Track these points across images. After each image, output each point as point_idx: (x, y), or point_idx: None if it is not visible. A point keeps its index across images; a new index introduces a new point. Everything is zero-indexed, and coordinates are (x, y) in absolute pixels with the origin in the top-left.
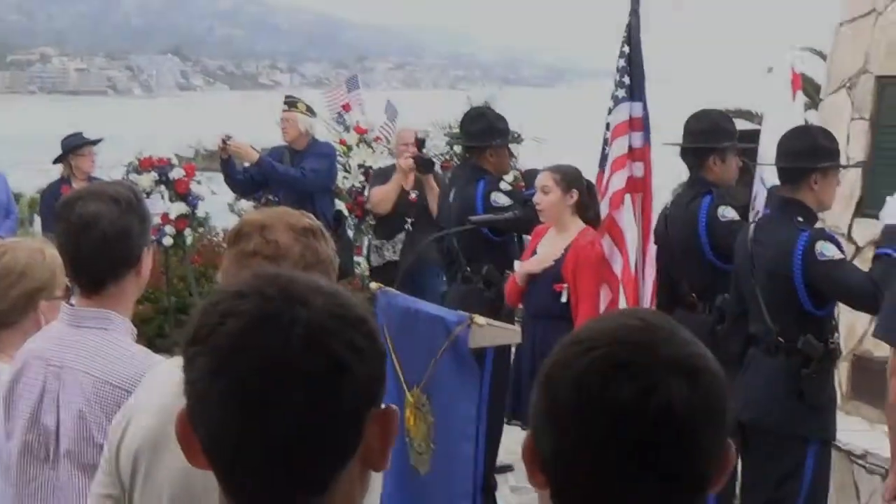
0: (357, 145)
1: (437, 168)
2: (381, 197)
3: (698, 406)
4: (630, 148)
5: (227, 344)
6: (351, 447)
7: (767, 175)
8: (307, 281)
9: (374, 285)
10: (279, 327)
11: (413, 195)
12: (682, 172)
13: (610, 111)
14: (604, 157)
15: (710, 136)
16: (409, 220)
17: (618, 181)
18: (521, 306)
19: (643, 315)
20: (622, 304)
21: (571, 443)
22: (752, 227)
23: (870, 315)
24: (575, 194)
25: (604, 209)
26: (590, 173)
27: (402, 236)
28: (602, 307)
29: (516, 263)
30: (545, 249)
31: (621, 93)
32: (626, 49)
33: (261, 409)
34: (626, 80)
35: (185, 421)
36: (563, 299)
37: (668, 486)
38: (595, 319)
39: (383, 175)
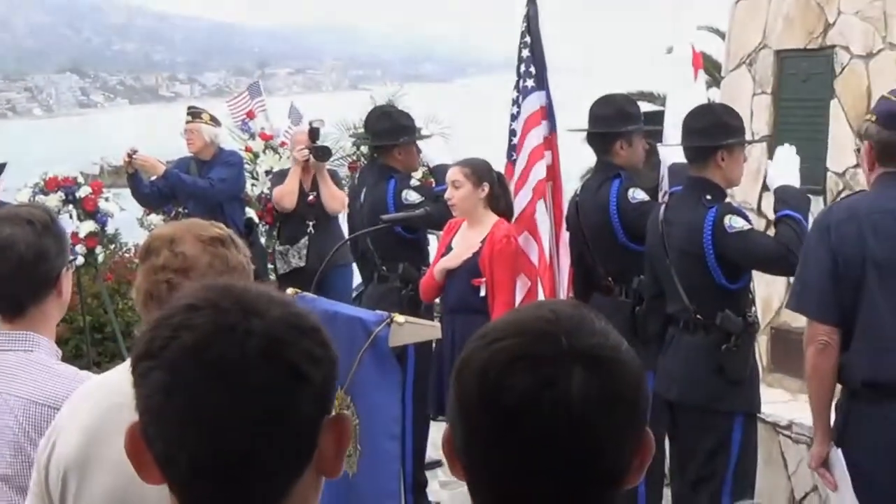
0: (263, 152)
1: (345, 171)
2: (283, 192)
3: (600, 397)
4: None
5: (182, 357)
6: (307, 456)
7: (667, 154)
8: (260, 292)
9: (290, 291)
10: (235, 339)
11: (311, 196)
12: (589, 158)
13: (515, 102)
14: (511, 148)
15: (615, 120)
16: (311, 223)
17: (540, 171)
18: (438, 302)
19: (556, 307)
20: (540, 294)
21: (477, 436)
22: (662, 207)
23: (785, 279)
24: (486, 187)
25: (523, 199)
26: (498, 165)
27: (305, 241)
28: (519, 298)
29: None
30: (461, 244)
31: (530, 83)
32: (528, 39)
33: (219, 423)
34: (533, 69)
35: (136, 436)
36: (482, 293)
37: (574, 480)
38: (510, 312)
39: (281, 175)
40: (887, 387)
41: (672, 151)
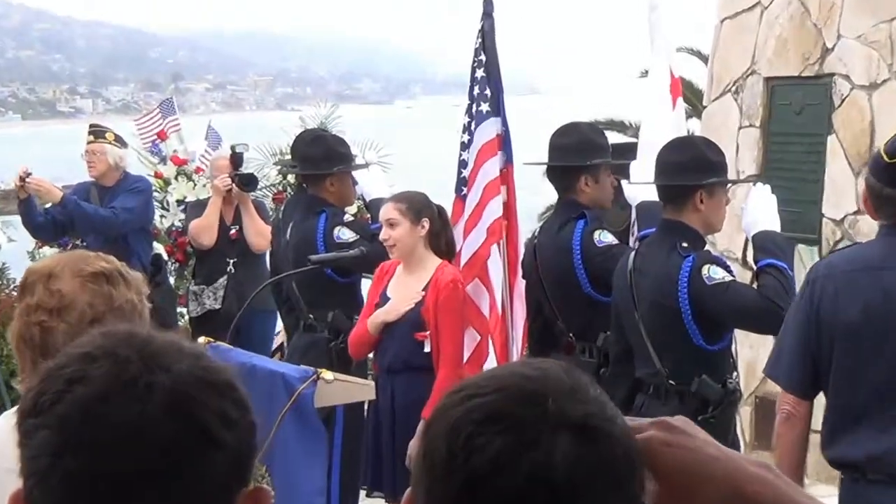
0: (176, 178)
1: (269, 203)
2: (201, 226)
3: (590, 469)
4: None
5: (75, 414)
6: None
7: (635, 192)
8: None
9: (202, 340)
10: (136, 395)
11: (233, 230)
12: (550, 195)
13: (466, 128)
14: (461, 181)
15: (580, 152)
16: (231, 261)
17: (495, 208)
18: (371, 357)
19: (545, 365)
20: (490, 351)
21: (442, 498)
22: (632, 254)
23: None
24: (426, 223)
25: (474, 241)
26: (446, 200)
27: (223, 280)
28: (467, 353)
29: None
30: (399, 292)
31: (485, 107)
32: (483, 57)
33: (115, 490)
34: (488, 91)
35: None
36: (426, 349)
37: None
38: (492, 368)
39: (198, 206)
40: (854, 466)
41: (642, 190)
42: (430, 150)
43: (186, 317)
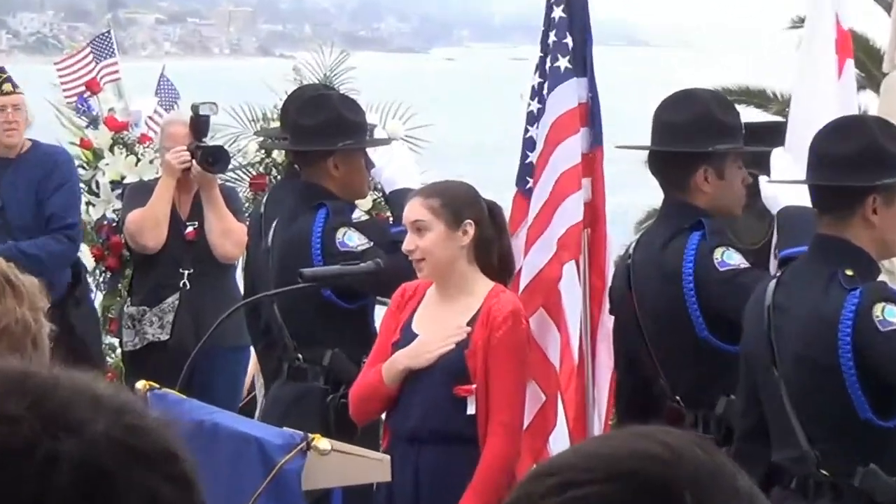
0: (111, 149)
1: (244, 190)
2: (143, 220)
3: None
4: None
5: None
6: None
7: (777, 194)
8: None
9: (140, 386)
10: (31, 469)
11: (190, 229)
12: (654, 195)
13: (536, 92)
14: (526, 169)
15: (698, 134)
16: (186, 272)
17: (572, 211)
18: (383, 418)
19: (672, 439)
20: (560, 417)
21: None
22: (771, 284)
23: None
24: (470, 228)
25: (540, 257)
26: (495, 193)
27: (174, 300)
28: (528, 418)
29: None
30: (432, 325)
31: (564, 62)
32: None
33: None
34: (569, 40)
35: None
36: (470, 410)
37: None
38: (588, 441)
39: (144, 191)
40: None
41: (788, 191)
42: (479, 121)
43: (118, 350)
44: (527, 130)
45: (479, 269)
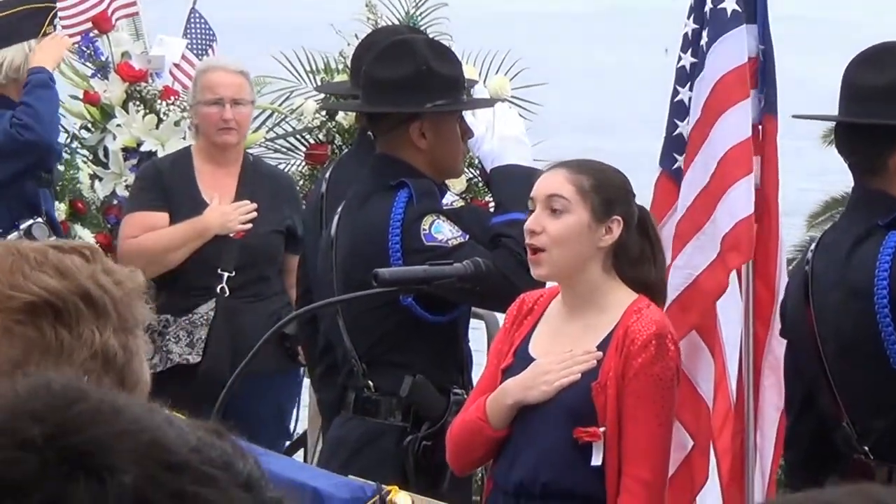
0: (124, 106)
1: (296, 166)
2: (140, 250)
3: None
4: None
5: None
6: None
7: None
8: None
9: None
10: None
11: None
12: (840, 179)
13: (688, 43)
14: (673, 143)
15: None
16: (226, 274)
17: (742, 200)
18: (487, 469)
19: (885, 497)
20: (712, 467)
21: None
22: None
23: None
24: (616, 227)
25: (695, 261)
26: (642, 180)
27: (208, 310)
28: (670, 471)
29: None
30: (554, 345)
31: (730, 4)
32: None
33: None
34: None
35: None
36: (596, 460)
37: None
38: (796, 497)
39: (162, 179)
40: None
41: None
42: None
43: None
44: (676, 93)
45: (619, 277)
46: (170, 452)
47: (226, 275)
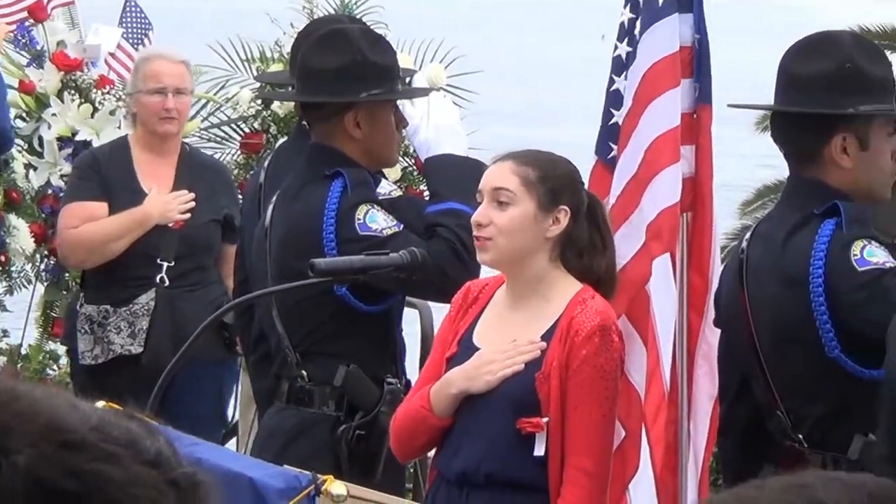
0: (59, 95)
1: (230, 155)
2: (80, 240)
3: None
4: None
5: None
6: None
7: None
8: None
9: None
10: None
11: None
12: (774, 169)
13: (626, 31)
14: (609, 132)
15: (836, 90)
16: (166, 264)
17: (668, 186)
18: (430, 457)
19: (874, 487)
20: (645, 456)
21: None
22: None
23: None
24: (563, 217)
25: (625, 248)
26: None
27: (148, 300)
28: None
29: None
30: (498, 336)
31: None
32: None
33: None
34: None
35: None
36: (538, 450)
37: None
38: (758, 485)
39: (98, 170)
40: None
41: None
42: (545, 66)
43: (62, 360)
44: (612, 82)
45: (564, 268)
46: (66, 432)
47: (165, 265)
